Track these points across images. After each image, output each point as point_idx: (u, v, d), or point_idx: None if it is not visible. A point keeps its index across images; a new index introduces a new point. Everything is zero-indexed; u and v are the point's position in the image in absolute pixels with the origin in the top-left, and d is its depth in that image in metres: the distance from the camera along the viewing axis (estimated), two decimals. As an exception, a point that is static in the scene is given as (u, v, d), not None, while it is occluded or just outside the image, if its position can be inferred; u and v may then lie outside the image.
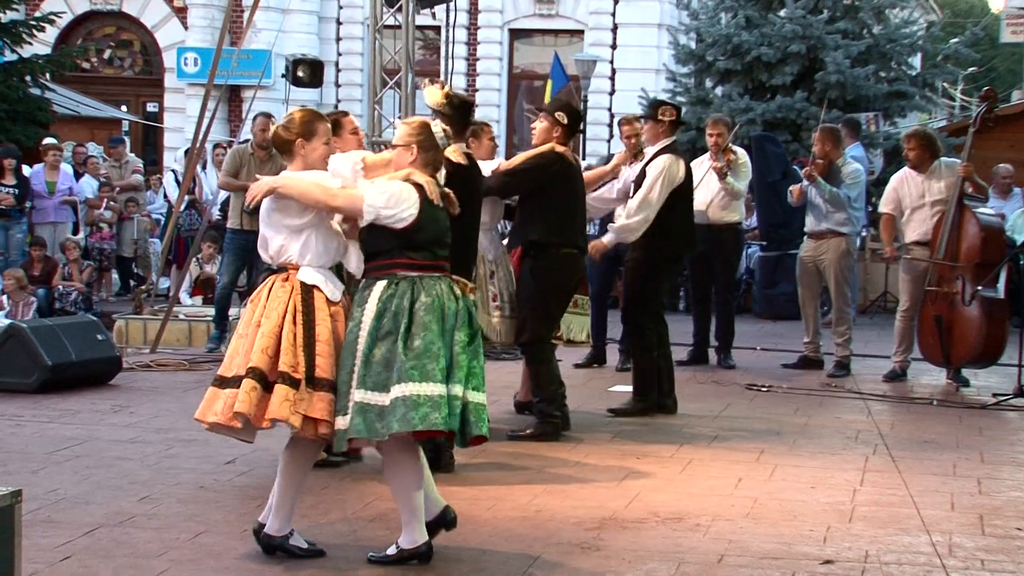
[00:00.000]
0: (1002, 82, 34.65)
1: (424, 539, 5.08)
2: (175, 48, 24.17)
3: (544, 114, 7.79)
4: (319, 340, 5.05)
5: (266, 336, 5.02)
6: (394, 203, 5.05)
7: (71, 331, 9.37)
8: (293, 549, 5.18)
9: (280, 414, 4.94)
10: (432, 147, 5.23)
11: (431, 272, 5.14)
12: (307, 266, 5.16)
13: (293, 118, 5.27)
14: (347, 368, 5.03)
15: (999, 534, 5.71)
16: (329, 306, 5.13)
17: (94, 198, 16.01)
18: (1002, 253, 9.60)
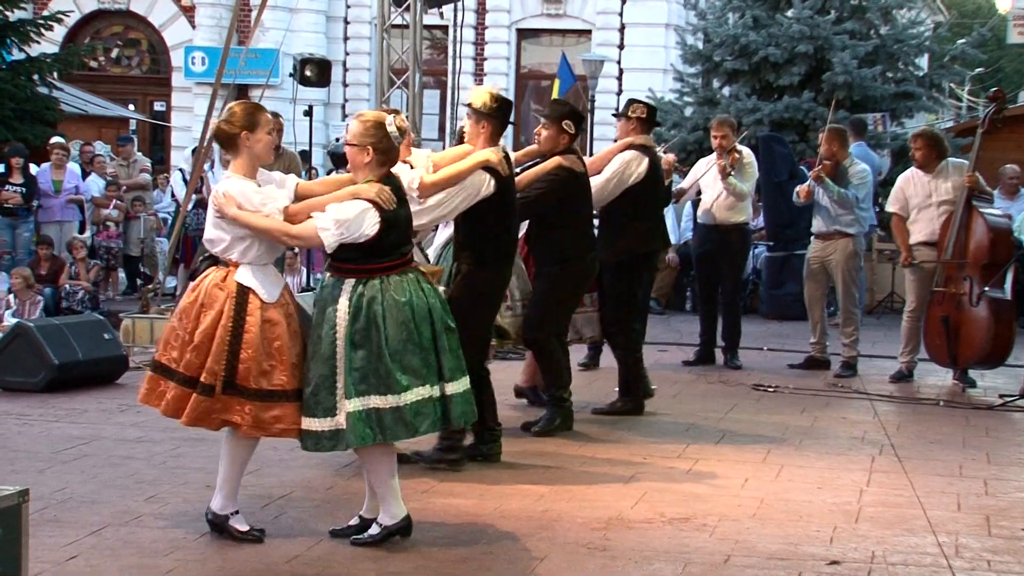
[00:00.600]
0: (1009, 83, 34.62)
1: (403, 513, 5.28)
2: (183, 47, 24.22)
3: (549, 121, 7.67)
4: (245, 347, 5.15)
5: (199, 338, 5.18)
6: (353, 228, 5.13)
7: (78, 330, 9.39)
8: (231, 529, 5.33)
9: (190, 421, 5.22)
10: (387, 147, 5.28)
11: (399, 269, 5.24)
12: (247, 264, 5.25)
13: (234, 111, 5.35)
14: (327, 368, 5.15)
15: (1005, 535, 5.70)
16: (264, 310, 5.20)
17: (101, 197, 16.03)
18: (1010, 254, 9.59)
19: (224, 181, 5.32)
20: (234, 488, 5.39)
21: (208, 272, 5.35)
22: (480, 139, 6.68)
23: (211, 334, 5.17)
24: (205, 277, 5.34)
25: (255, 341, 5.16)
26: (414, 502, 5.95)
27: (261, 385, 5.17)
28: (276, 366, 5.20)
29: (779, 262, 14.23)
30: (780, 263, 14.20)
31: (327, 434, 5.18)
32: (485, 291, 6.72)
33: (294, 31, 22.22)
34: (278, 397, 5.20)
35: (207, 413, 5.19)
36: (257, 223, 5.20)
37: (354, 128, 5.33)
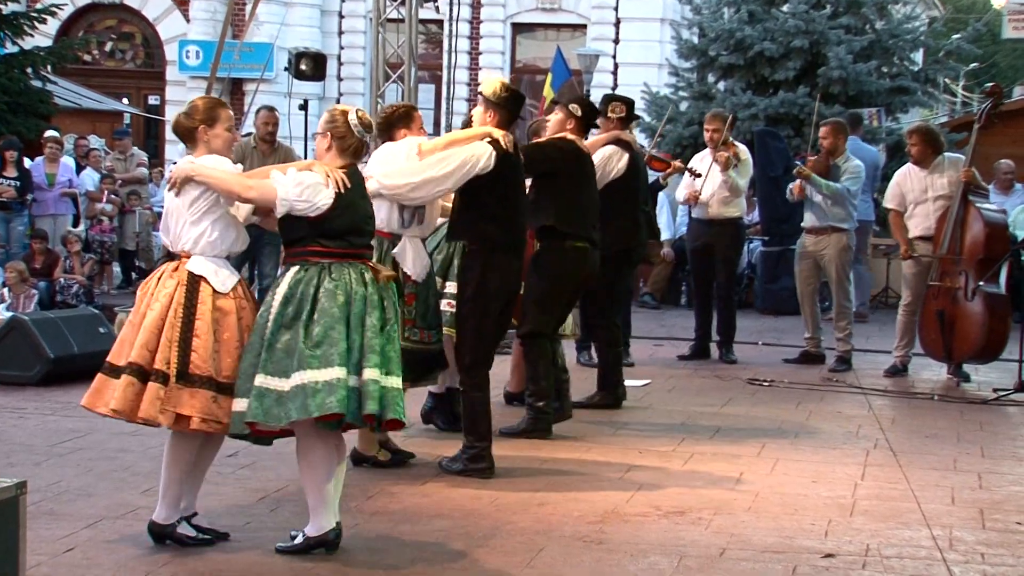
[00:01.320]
0: (1004, 78, 34.61)
1: (331, 526, 5.13)
2: (177, 41, 24.16)
3: (559, 106, 7.73)
4: (196, 335, 5.07)
5: (147, 330, 5.09)
6: (309, 194, 5.10)
7: (73, 324, 9.39)
8: (181, 537, 5.22)
9: (148, 414, 5.02)
10: (345, 134, 5.26)
11: (344, 260, 5.16)
12: (199, 255, 5.20)
13: (196, 105, 5.34)
14: (254, 351, 5.07)
15: (999, 528, 5.72)
16: (215, 298, 5.14)
17: (95, 191, 16.00)
18: (1005, 249, 9.60)
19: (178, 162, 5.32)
20: (176, 496, 5.23)
21: (161, 268, 5.30)
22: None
23: (160, 323, 5.07)
24: (157, 271, 5.30)
25: (206, 329, 5.08)
26: (410, 496, 5.97)
27: (211, 375, 5.05)
28: (224, 357, 5.10)
29: (774, 257, 14.25)
30: (775, 258, 14.22)
31: (236, 416, 5.04)
32: (490, 280, 6.45)
33: (289, 25, 22.18)
34: (227, 390, 5.07)
35: (162, 403, 4.99)
36: (215, 176, 5.14)
37: (322, 118, 5.41)
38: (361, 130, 5.29)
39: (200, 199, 5.18)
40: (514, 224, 6.54)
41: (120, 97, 24.06)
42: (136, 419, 5.07)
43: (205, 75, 17.23)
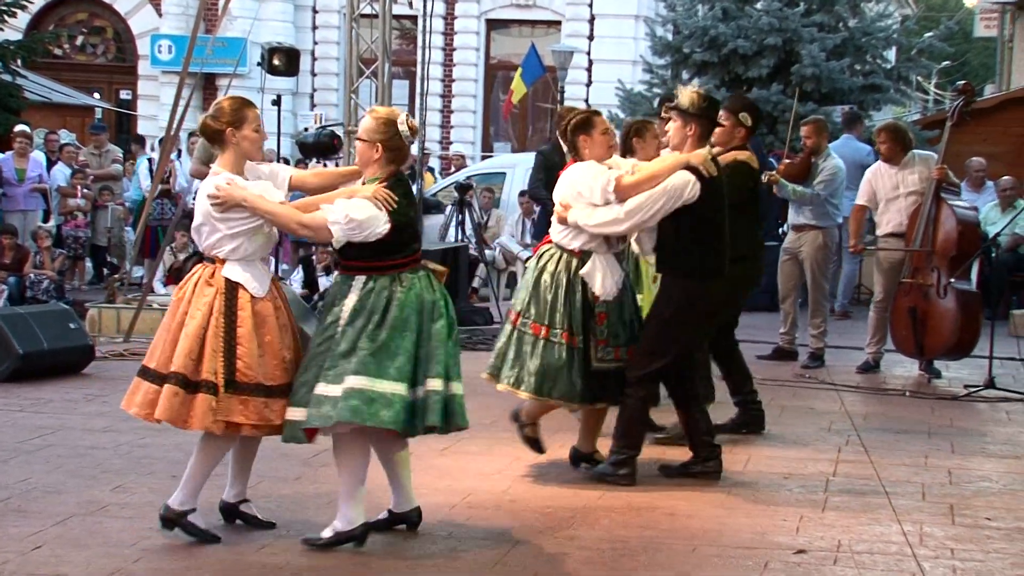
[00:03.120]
0: (975, 76, 34.82)
1: (360, 521, 5.12)
2: (149, 35, 24.06)
3: (726, 113, 7.13)
4: (240, 343, 5.06)
5: (190, 338, 5.06)
6: (360, 229, 5.03)
7: (43, 319, 9.31)
8: (189, 526, 5.21)
9: (203, 424, 5.04)
10: (397, 145, 5.18)
11: (408, 267, 5.15)
12: (234, 261, 5.14)
13: (222, 107, 5.25)
14: (318, 362, 5.04)
15: (969, 524, 5.75)
16: (254, 303, 5.11)
17: (67, 186, 15.90)
18: (977, 246, 9.65)
19: (212, 178, 5.19)
20: (197, 487, 5.25)
21: (195, 270, 5.24)
22: (687, 143, 6.20)
23: (202, 333, 5.04)
24: (192, 275, 5.23)
25: (249, 336, 5.06)
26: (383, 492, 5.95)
27: (260, 380, 5.06)
28: (270, 360, 5.09)
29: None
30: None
31: (294, 423, 5.08)
32: (690, 305, 6.18)
33: (262, 20, 22.09)
34: (276, 393, 5.09)
35: (214, 414, 5.01)
36: (267, 207, 5.09)
37: (366, 123, 5.24)
38: (410, 137, 5.22)
39: (241, 221, 5.11)
40: (717, 247, 6.23)
41: (91, 91, 23.94)
42: (187, 428, 5.09)
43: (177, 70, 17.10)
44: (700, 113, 6.23)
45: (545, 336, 6.14)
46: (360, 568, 4.98)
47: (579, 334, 6.14)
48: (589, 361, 6.15)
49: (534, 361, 6.14)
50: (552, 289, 6.18)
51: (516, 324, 6.24)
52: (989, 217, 13.15)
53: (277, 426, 5.11)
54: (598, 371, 6.16)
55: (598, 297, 6.15)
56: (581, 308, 6.14)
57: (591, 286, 6.15)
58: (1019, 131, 16.37)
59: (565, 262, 6.20)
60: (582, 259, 6.19)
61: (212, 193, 5.10)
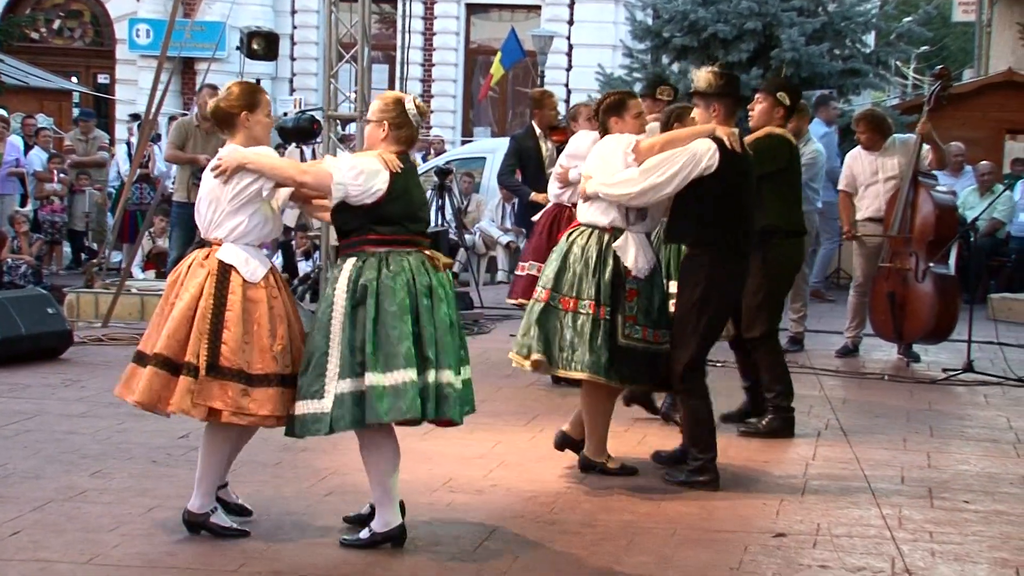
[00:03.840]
0: (954, 61, 34.90)
1: (398, 522, 5.03)
2: (127, 19, 23.91)
3: (764, 94, 7.21)
4: (227, 327, 4.95)
5: (176, 320, 4.97)
6: (363, 180, 4.97)
7: (21, 304, 9.26)
8: (214, 527, 5.12)
9: (181, 406, 4.93)
10: (404, 124, 5.12)
11: (402, 247, 5.05)
12: (232, 243, 5.07)
13: (232, 91, 5.19)
14: (320, 350, 4.94)
15: (947, 507, 5.78)
16: (246, 288, 5.01)
17: (43, 171, 15.81)
18: (954, 230, 9.68)
19: (222, 149, 5.13)
20: (212, 485, 5.15)
21: (192, 254, 5.18)
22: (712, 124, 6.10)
23: (191, 314, 4.95)
24: (188, 258, 5.17)
25: (237, 320, 4.95)
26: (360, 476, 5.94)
27: (242, 367, 4.94)
28: (255, 348, 4.97)
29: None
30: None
31: (310, 417, 4.94)
32: (715, 286, 6.05)
33: (241, 4, 21.98)
34: (259, 382, 4.96)
35: (193, 396, 4.90)
36: (268, 163, 5.03)
37: (374, 105, 5.20)
38: (418, 118, 5.15)
39: (244, 190, 5.02)
40: (739, 226, 6.10)
41: (69, 76, 23.80)
42: (163, 411, 4.99)
43: (155, 54, 17.05)
44: (721, 92, 6.13)
45: (574, 309, 5.97)
46: (339, 552, 4.98)
47: (607, 305, 5.94)
48: (615, 337, 5.96)
49: (567, 334, 5.96)
50: (581, 262, 6.01)
51: (547, 300, 6.05)
52: (968, 202, 13.21)
53: (259, 417, 4.99)
54: (625, 348, 5.96)
55: (630, 272, 5.97)
56: (611, 281, 5.95)
57: (623, 259, 5.97)
58: (997, 116, 16.44)
59: (596, 237, 6.03)
60: (614, 235, 6.02)
61: (214, 164, 5.05)
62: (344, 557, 4.93)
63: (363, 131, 11.07)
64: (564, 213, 8.47)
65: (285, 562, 4.85)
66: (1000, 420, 7.80)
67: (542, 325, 5.99)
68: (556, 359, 5.99)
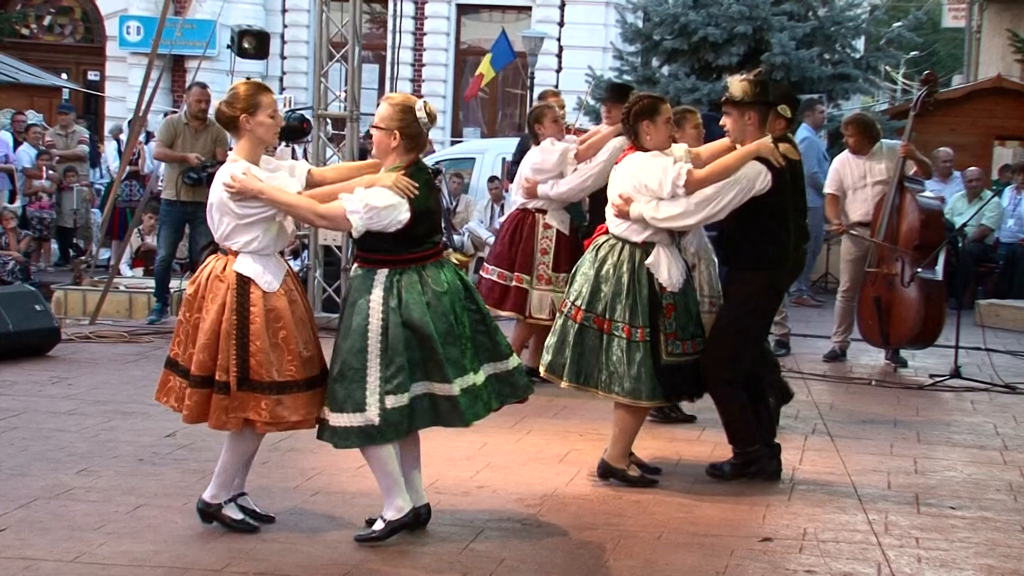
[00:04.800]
0: (943, 66, 34.99)
1: (408, 505, 5.07)
2: (117, 16, 23.85)
3: None
4: (252, 340, 4.99)
5: (204, 334, 5.01)
6: (383, 216, 4.92)
7: (8, 301, 9.24)
8: (225, 519, 5.18)
9: (218, 423, 5.04)
10: (415, 133, 5.08)
11: (432, 259, 5.08)
12: (248, 254, 5.05)
13: (237, 93, 5.14)
14: (357, 361, 4.94)
15: (933, 512, 5.80)
16: (266, 299, 5.02)
17: (32, 167, 15.76)
18: (941, 236, 9.70)
19: (229, 165, 5.08)
20: (229, 479, 5.19)
21: (208, 261, 5.18)
22: (748, 133, 6.08)
23: (216, 330, 4.99)
24: (205, 267, 5.17)
25: (261, 332, 4.98)
26: (346, 476, 5.94)
27: (273, 377, 4.99)
28: (284, 356, 5.01)
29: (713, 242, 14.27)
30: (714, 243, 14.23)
31: (355, 430, 4.95)
32: (759, 296, 6.11)
33: (232, 2, 21.97)
34: (290, 388, 5.01)
35: (226, 412, 5.00)
36: (284, 199, 4.98)
37: (382, 111, 5.12)
38: (428, 123, 5.11)
39: (256, 211, 5.00)
40: (786, 239, 6.13)
41: (59, 72, 23.72)
42: (212, 427, 5.09)
43: (146, 51, 17.00)
44: (755, 100, 6.08)
45: (608, 331, 5.91)
46: (325, 552, 4.97)
47: (646, 326, 5.89)
48: (658, 356, 5.91)
49: (603, 357, 5.92)
50: (614, 280, 5.93)
51: (580, 320, 5.96)
52: (956, 207, 13.24)
53: (291, 423, 5.05)
54: (669, 365, 5.92)
55: (665, 288, 5.92)
56: (648, 300, 5.90)
57: (658, 276, 5.90)
58: (986, 122, 16.49)
59: (628, 253, 5.95)
60: (645, 250, 5.94)
61: (228, 182, 4.99)
62: (331, 557, 4.93)
63: (353, 131, 11.21)
64: (527, 219, 8.48)
65: (271, 562, 4.84)
66: (987, 426, 7.82)
67: (577, 346, 5.94)
68: (594, 380, 5.96)
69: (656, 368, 5.91)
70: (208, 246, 5.30)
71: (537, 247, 8.39)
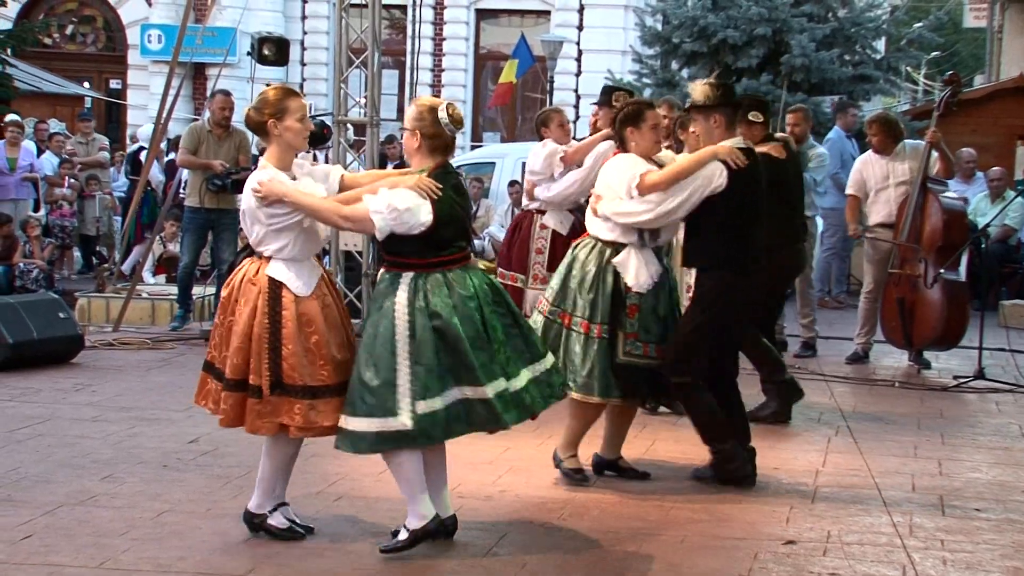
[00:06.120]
0: (964, 67, 34.86)
1: (432, 513, 5.02)
2: (139, 25, 23.97)
3: None
4: (285, 344, 4.98)
5: (237, 337, 5.02)
6: (406, 218, 4.91)
7: (33, 309, 9.29)
8: (270, 528, 5.17)
9: (253, 428, 5.05)
10: (437, 134, 5.05)
11: (458, 264, 5.04)
12: (280, 259, 5.05)
13: (265, 98, 5.14)
14: (385, 366, 4.91)
15: (958, 515, 5.77)
16: (298, 304, 5.01)
17: (54, 175, 15.85)
18: (964, 236, 9.67)
19: (258, 172, 5.08)
20: (271, 487, 5.17)
21: (243, 264, 5.19)
22: (715, 136, 6.07)
23: (248, 334, 4.99)
24: (239, 270, 5.18)
25: (293, 337, 4.96)
26: (369, 481, 5.95)
27: (306, 382, 4.97)
28: (316, 361, 4.99)
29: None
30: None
31: (387, 435, 4.91)
32: (716, 298, 6.04)
33: (251, 9, 22.00)
34: (323, 393, 4.99)
35: (260, 416, 5.00)
36: (308, 202, 4.98)
37: (408, 112, 5.15)
38: (451, 126, 5.06)
39: (282, 217, 4.99)
40: (751, 241, 6.07)
41: (81, 81, 23.86)
42: (249, 432, 5.10)
43: (167, 59, 17.06)
44: (719, 102, 6.09)
45: (568, 325, 5.97)
46: (348, 558, 4.98)
47: (604, 323, 5.92)
48: (615, 354, 5.94)
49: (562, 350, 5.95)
50: (579, 276, 6.01)
51: (546, 314, 6.07)
52: (979, 208, 13.18)
53: (325, 428, 5.03)
54: (625, 366, 5.94)
55: (630, 288, 5.94)
56: (610, 297, 5.93)
57: (623, 275, 5.93)
58: (1009, 122, 16.40)
59: (598, 251, 6.01)
60: (616, 249, 5.98)
61: (255, 187, 5.00)
62: (354, 562, 4.93)
63: (373, 137, 11.23)
64: (526, 220, 8.57)
65: (294, 568, 4.85)
66: (1012, 427, 7.78)
67: (545, 337, 5.95)
68: None
69: (611, 366, 5.92)
70: (244, 249, 5.29)
71: (533, 247, 8.45)
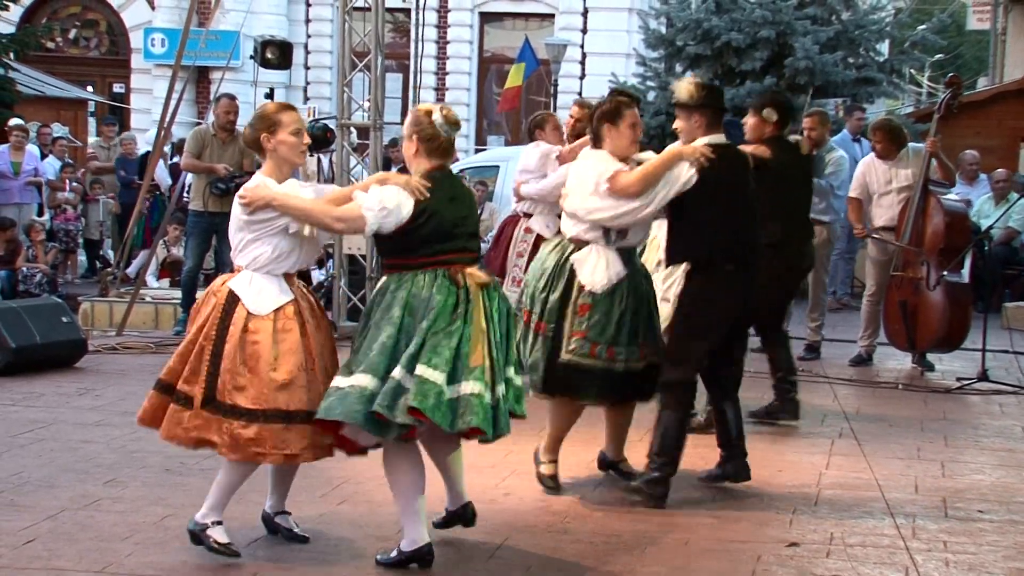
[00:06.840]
0: (968, 69, 34.84)
1: (425, 540, 4.93)
2: (142, 28, 24.01)
3: (752, 110, 7.46)
4: (225, 358, 4.84)
5: (184, 343, 4.96)
6: (395, 213, 4.86)
7: (36, 313, 9.30)
8: (207, 540, 4.97)
9: (169, 435, 4.91)
10: (432, 137, 5.02)
11: (430, 267, 4.93)
12: (249, 271, 4.97)
13: (258, 113, 5.12)
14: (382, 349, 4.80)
15: (961, 516, 5.76)
16: (248, 320, 4.88)
17: (56, 180, 15.87)
18: (967, 239, 9.66)
19: (248, 183, 5.06)
20: (219, 502, 5.02)
21: (219, 279, 5.15)
22: (695, 135, 6.02)
23: (194, 341, 4.89)
24: (213, 283, 5.14)
25: (232, 353, 4.83)
26: (373, 485, 5.95)
27: (236, 401, 4.80)
28: (253, 381, 4.81)
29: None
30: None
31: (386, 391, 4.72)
32: (695, 298, 5.95)
33: (255, 13, 22.02)
34: (254, 417, 4.79)
35: (181, 427, 4.85)
36: (297, 204, 4.91)
37: (407, 119, 5.15)
38: (448, 129, 5.04)
39: (267, 223, 4.92)
40: (734, 235, 5.95)
41: (84, 85, 23.87)
42: (163, 438, 4.96)
43: (170, 63, 17.06)
44: (702, 103, 6.04)
45: (526, 322, 5.94)
46: (351, 562, 4.98)
47: (550, 321, 5.87)
48: (557, 351, 5.84)
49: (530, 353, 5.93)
50: (538, 273, 6.01)
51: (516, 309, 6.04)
52: (983, 210, 13.17)
53: (253, 453, 4.83)
54: (566, 364, 5.82)
55: (583, 287, 5.87)
56: (560, 294, 5.87)
57: (579, 274, 5.86)
58: (1012, 124, 16.39)
59: (561, 247, 5.99)
60: (579, 246, 5.93)
61: (240, 194, 4.96)
62: (356, 567, 4.93)
63: (377, 140, 11.23)
64: (513, 223, 8.61)
65: (297, 571, 4.86)
66: (1015, 429, 7.78)
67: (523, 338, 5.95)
68: None
69: (552, 363, 5.85)
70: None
71: (514, 250, 8.44)
